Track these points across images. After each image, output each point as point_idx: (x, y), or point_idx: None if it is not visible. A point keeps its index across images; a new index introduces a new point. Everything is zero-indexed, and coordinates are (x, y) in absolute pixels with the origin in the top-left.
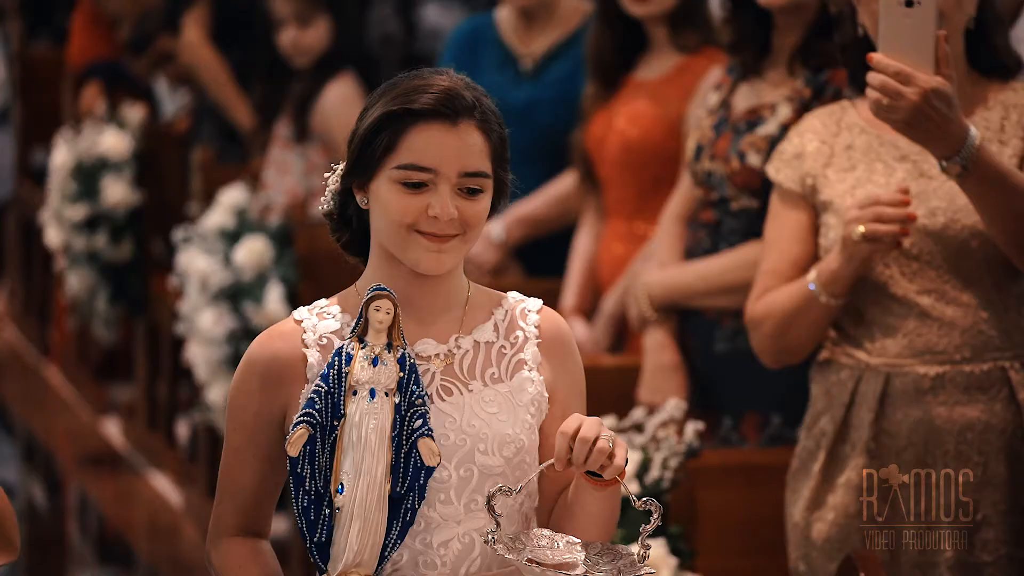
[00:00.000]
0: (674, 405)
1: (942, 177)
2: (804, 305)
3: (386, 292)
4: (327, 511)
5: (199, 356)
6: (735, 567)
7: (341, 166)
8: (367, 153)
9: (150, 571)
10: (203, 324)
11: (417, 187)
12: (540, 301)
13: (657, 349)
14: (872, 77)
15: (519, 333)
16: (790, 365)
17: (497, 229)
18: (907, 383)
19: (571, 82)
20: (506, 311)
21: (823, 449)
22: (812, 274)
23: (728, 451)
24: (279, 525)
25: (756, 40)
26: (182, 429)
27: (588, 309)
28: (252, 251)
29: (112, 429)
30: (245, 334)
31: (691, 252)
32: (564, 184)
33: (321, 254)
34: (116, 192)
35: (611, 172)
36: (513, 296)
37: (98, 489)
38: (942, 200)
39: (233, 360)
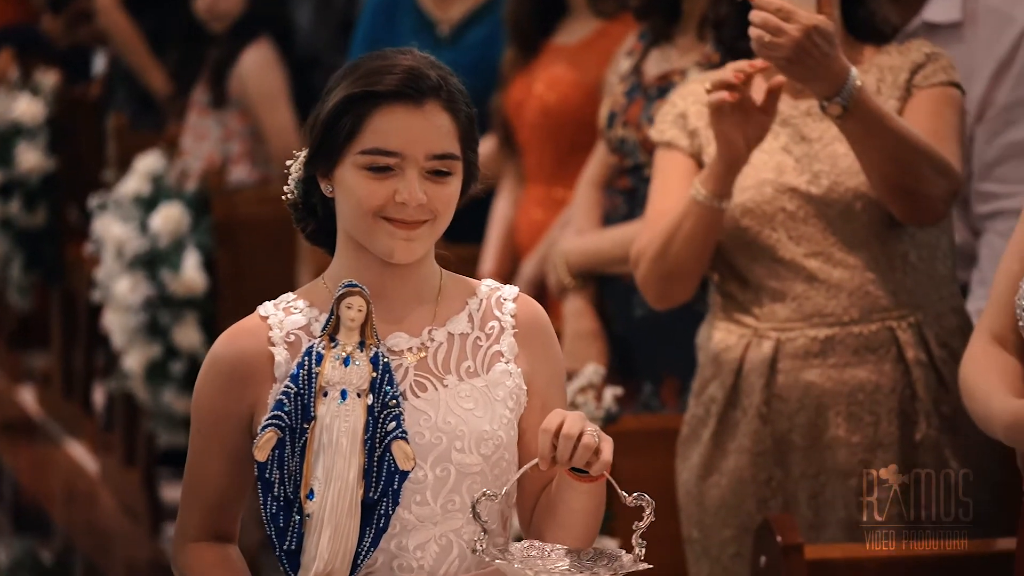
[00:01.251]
0: (592, 371)
1: (823, 141)
2: (684, 213)
3: (358, 289)
4: (297, 518)
5: (115, 323)
6: (654, 530)
7: (303, 153)
8: (329, 139)
9: (66, 539)
10: (119, 291)
11: (383, 172)
12: (516, 289)
13: (576, 316)
14: (754, 15)
15: (494, 323)
16: (674, 306)
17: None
18: (797, 347)
19: (488, 47)
20: (481, 300)
21: (713, 416)
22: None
23: (646, 416)
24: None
25: (666, 5)
26: (98, 397)
27: (507, 274)
28: (168, 218)
29: (27, 397)
30: (162, 301)
31: (608, 218)
32: (483, 149)
33: (238, 221)
34: (30, 158)
35: (530, 137)
36: (488, 284)
37: (13, 457)
38: (825, 163)
39: (150, 327)
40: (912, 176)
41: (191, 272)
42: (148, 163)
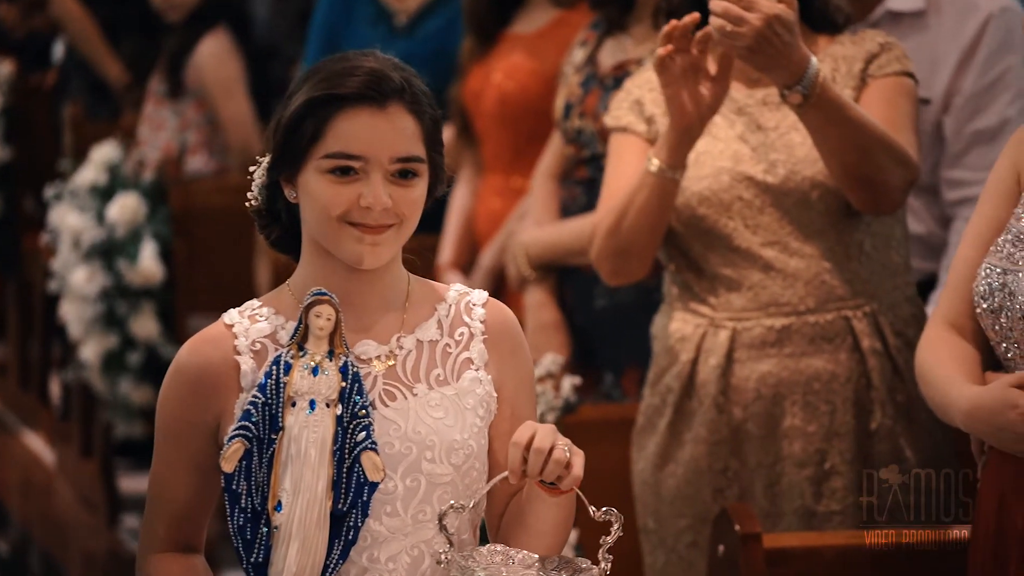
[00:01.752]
0: (551, 360)
1: (779, 130)
2: (638, 186)
3: (327, 297)
4: (264, 530)
5: (72, 314)
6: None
7: (267, 159)
8: (292, 143)
9: (23, 530)
10: (76, 281)
11: (347, 176)
12: (485, 293)
13: (537, 308)
14: (715, 4)
15: (464, 329)
16: (629, 282)
17: None
18: (753, 336)
19: (446, 37)
20: (450, 306)
21: (670, 405)
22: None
23: (606, 406)
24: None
25: None
26: (55, 387)
27: (466, 263)
28: (125, 208)
29: None
30: (119, 291)
31: (567, 209)
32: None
33: (196, 211)
34: None
35: (488, 126)
36: (456, 289)
37: None
38: (781, 153)
39: (107, 318)
40: (872, 165)
41: (148, 262)
42: (104, 153)
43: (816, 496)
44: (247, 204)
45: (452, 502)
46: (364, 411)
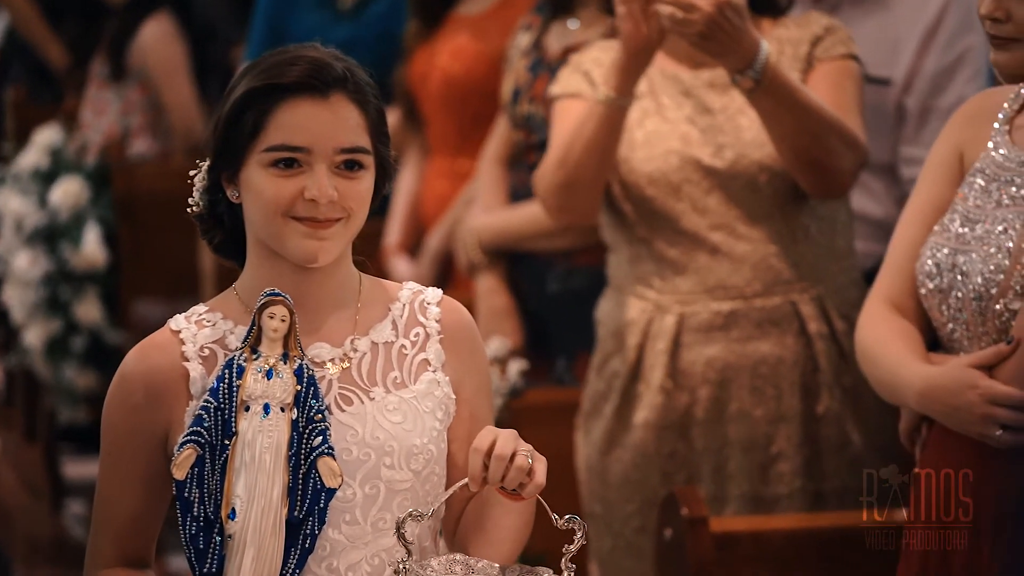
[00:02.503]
0: (497, 345)
1: (727, 113)
2: (585, 118)
3: (281, 298)
4: (218, 539)
5: (15, 299)
6: (557, 503)
7: (206, 162)
8: (232, 138)
9: None
10: (19, 266)
11: (290, 169)
12: (439, 291)
13: (489, 294)
14: None
15: (419, 330)
16: (575, 221)
17: None
18: (700, 321)
19: (390, 20)
20: (404, 305)
21: (616, 390)
22: None
23: (551, 390)
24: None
25: None
26: None
27: (412, 246)
28: (68, 192)
29: None
30: (62, 276)
31: (516, 194)
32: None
33: (139, 195)
34: None
35: (434, 109)
36: (409, 287)
37: None
38: (729, 136)
39: (50, 303)
40: (822, 149)
41: (92, 247)
42: (47, 136)
43: (763, 480)
44: (188, 209)
45: (411, 510)
46: (320, 415)
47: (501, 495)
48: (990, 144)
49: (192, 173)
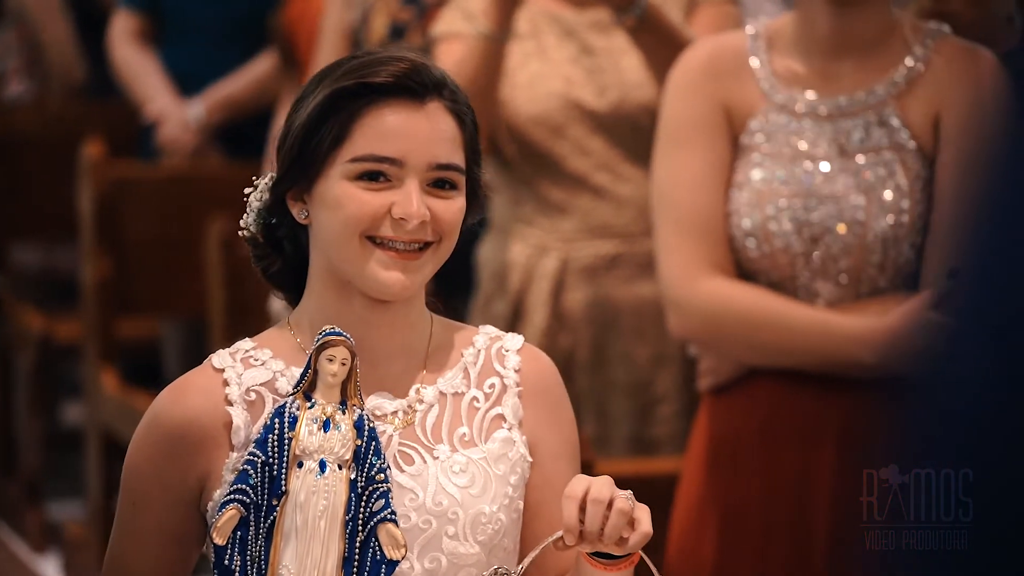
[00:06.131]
0: None
1: (611, 54)
2: (465, 56)
3: (343, 338)
4: None
5: None
6: None
7: (265, 179)
8: (310, 147)
9: None
10: None
11: (377, 182)
12: (520, 338)
13: None
14: None
15: (495, 380)
16: None
17: (197, 111)
18: (583, 261)
19: None
20: (478, 351)
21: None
22: None
23: None
24: None
25: None
26: None
27: None
28: None
29: None
30: None
31: None
32: (263, 66)
33: (16, 137)
34: None
35: (311, 52)
36: (486, 332)
37: None
38: (612, 77)
39: None
40: None
41: None
42: None
43: (646, 422)
44: (240, 233)
45: (496, 567)
46: (382, 475)
47: (592, 566)
48: (764, 90)
49: (247, 191)
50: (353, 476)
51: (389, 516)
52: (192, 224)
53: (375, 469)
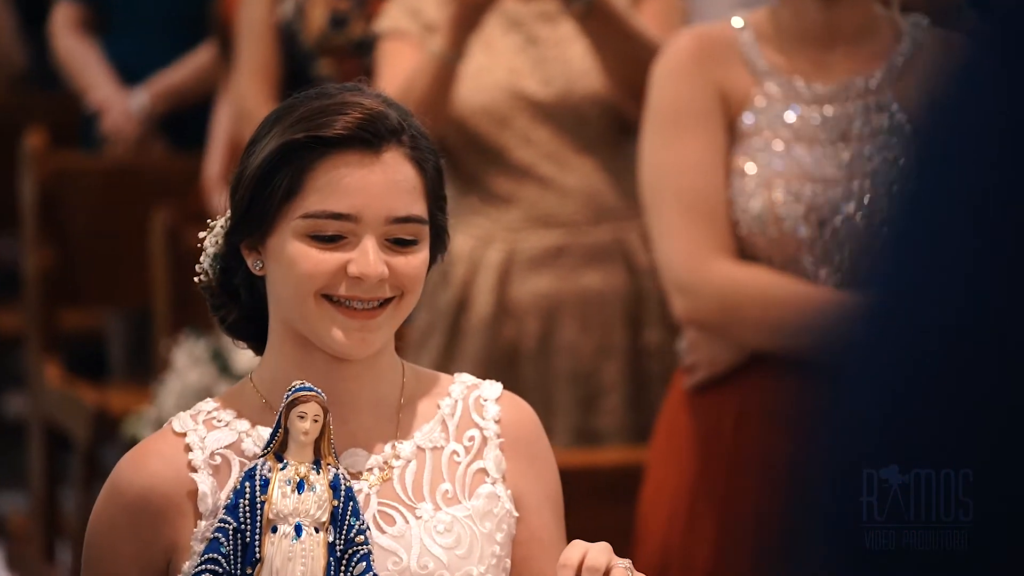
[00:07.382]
0: None
1: (557, 44)
2: (419, 70)
3: (314, 393)
4: None
5: None
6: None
7: (221, 221)
8: (261, 199)
9: None
10: None
11: (331, 242)
12: (499, 386)
13: None
14: None
15: (474, 432)
16: None
17: (140, 100)
18: (527, 253)
19: None
20: (455, 401)
21: (442, 323)
22: None
23: None
24: None
25: None
26: None
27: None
28: None
29: None
30: None
31: None
32: (204, 55)
33: None
34: None
35: None
36: (462, 380)
37: None
38: (557, 67)
39: None
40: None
41: None
42: None
43: (590, 413)
44: (195, 279)
45: None
46: (362, 536)
47: None
48: (759, 77)
49: (201, 235)
50: (331, 539)
51: None
52: (136, 214)
53: (354, 531)
